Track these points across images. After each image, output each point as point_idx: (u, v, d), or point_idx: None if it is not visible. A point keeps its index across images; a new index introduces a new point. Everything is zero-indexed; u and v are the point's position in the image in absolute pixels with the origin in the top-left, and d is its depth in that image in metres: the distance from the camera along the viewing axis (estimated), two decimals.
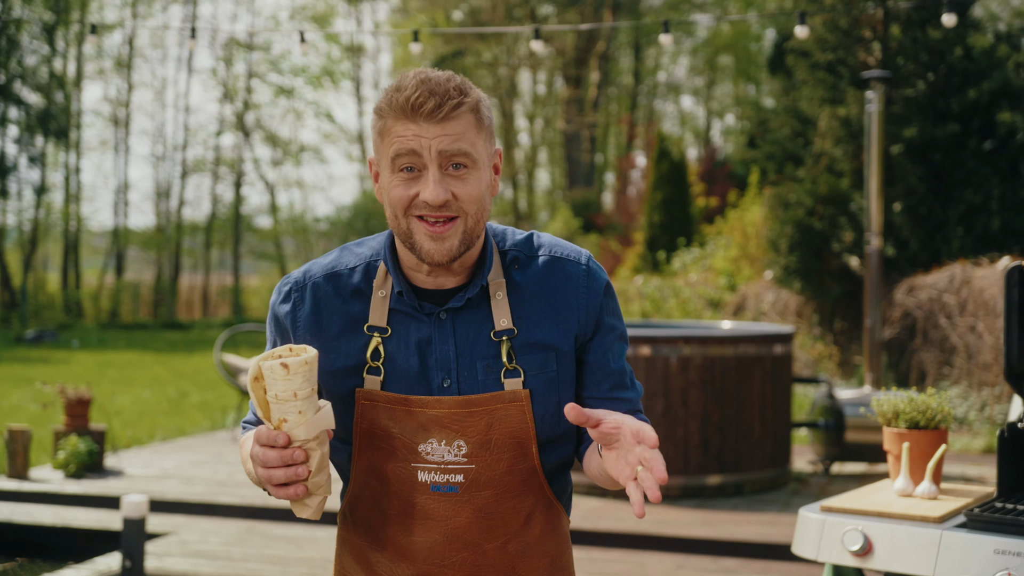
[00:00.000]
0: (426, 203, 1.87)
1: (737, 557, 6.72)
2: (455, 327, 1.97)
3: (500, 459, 1.95)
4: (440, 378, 1.96)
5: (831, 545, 3.20)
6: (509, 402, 1.95)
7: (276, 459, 1.74)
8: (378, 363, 1.96)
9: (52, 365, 19.71)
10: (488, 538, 1.97)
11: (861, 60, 14.02)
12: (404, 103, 1.86)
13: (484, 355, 1.97)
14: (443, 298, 1.99)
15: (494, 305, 1.98)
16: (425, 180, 1.87)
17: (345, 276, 2.02)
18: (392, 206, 1.91)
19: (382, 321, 1.97)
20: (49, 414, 12.30)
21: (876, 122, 9.02)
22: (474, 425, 1.94)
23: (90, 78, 39.63)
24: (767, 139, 15.41)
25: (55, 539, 7.60)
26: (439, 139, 1.86)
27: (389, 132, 1.89)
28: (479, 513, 1.95)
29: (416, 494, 1.95)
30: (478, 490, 1.95)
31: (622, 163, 30.75)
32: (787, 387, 8.56)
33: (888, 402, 3.49)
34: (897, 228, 13.61)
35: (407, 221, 1.90)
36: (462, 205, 1.89)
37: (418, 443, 1.94)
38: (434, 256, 1.89)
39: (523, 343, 1.97)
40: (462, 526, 1.95)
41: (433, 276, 1.98)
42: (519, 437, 1.95)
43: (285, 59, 40.31)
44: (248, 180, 40.88)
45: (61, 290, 36.69)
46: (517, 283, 2.00)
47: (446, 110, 1.86)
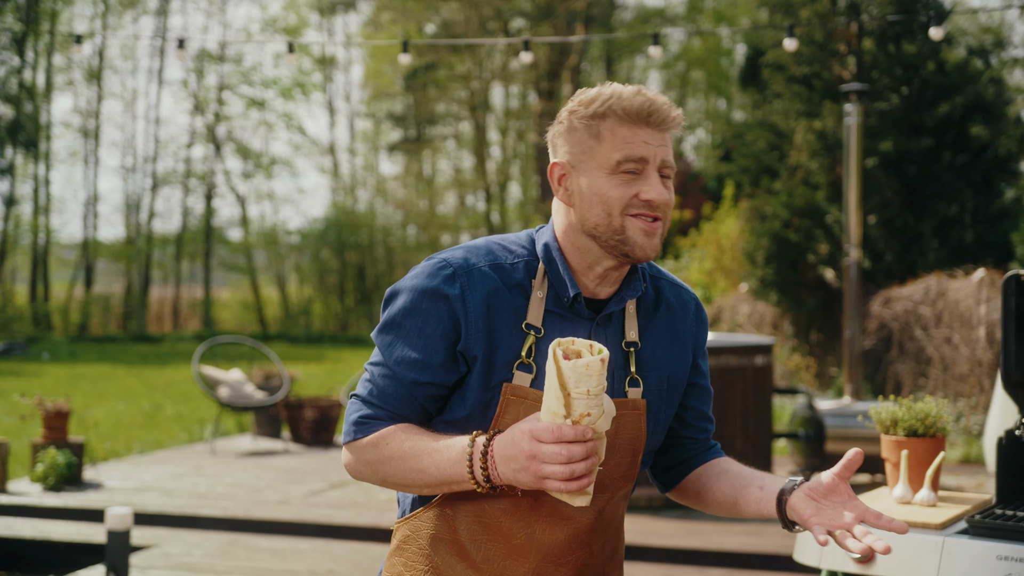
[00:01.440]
0: (649, 202, 1.97)
1: (723, 567, 6.74)
2: (607, 333, 2.07)
3: (621, 463, 2.04)
4: None
5: (833, 553, 3.22)
6: (631, 410, 2.05)
7: (582, 453, 1.78)
8: (530, 360, 2.00)
9: (23, 378, 19.54)
10: (598, 539, 2.06)
11: (836, 74, 14.14)
12: (638, 110, 1.97)
13: (618, 364, 2.07)
14: (597, 306, 2.08)
15: (627, 319, 2.09)
16: (647, 181, 1.98)
17: (508, 270, 2.04)
18: (607, 205, 1.97)
19: (538, 321, 2.02)
20: (24, 427, 12.20)
21: (855, 135, 9.09)
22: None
23: (59, 89, 39.44)
24: (742, 152, 15.50)
25: (35, 552, 7.53)
26: (662, 148, 1.99)
27: (612, 135, 1.97)
28: (599, 515, 2.04)
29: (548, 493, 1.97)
30: (601, 492, 2.02)
31: None
32: (768, 398, 8.60)
33: (887, 410, 3.52)
34: (872, 240, 13.72)
35: (622, 219, 1.98)
36: (665, 209, 2.01)
37: None
38: (647, 251, 1.99)
39: (646, 358, 2.09)
40: (584, 527, 2.02)
41: (595, 284, 2.06)
42: (634, 444, 2.06)
43: (257, 71, 40.21)
44: (219, 192, 40.68)
45: (30, 303, 36.38)
46: (643, 301, 2.13)
47: (667, 123, 2.00)
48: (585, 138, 2.00)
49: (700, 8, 40.03)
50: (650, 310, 2.12)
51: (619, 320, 2.09)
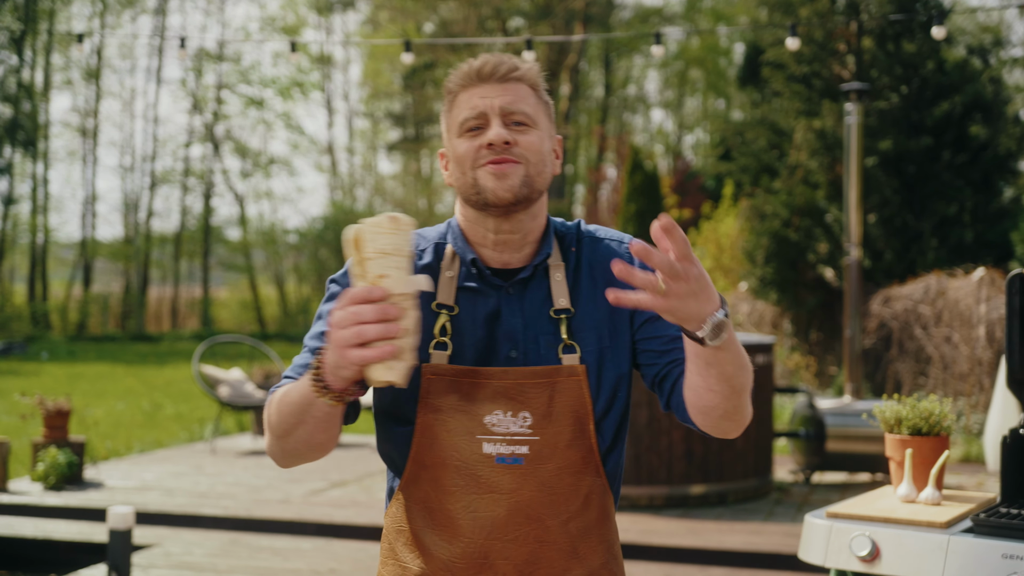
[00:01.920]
0: (490, 144, 1.99)
1: (724, 566, 6.74)
2: (522, 301, 2.05)
3: (562, 432, 1.99)
4: (507, 349, 2.02)
5: (839, 551, 3.22)
6: (568, 376, 2.01)
7: (372, 312, 1.67)
8: (445, 338, 2.01)
9: (23, 377, 19.53)
10: (550, 513, 1.99)
11: (836, 73, 14.14)
12: (469, 70, 2.05)
13: (545, 331, 2.04)
14: (508, 276, 2.07)
15: (553, 286, 2.06)
16: (488, 129, 2.01)
17: (417, 255, 2.09)
18: (460, 163, 2.03)
19: (450, 299, 2.04)
20: (23, 426, 12.19)
21: (855, 134, 9.09)
22: (537, 396, 1.99)
23: (58, 88, 39.40)
24: (742, 151, 15.50)
25: (36, 551, 7.53)
26: (500, 97, 2.02)
27: (457, 103, 2.06)
28: (542, 486, 1.98)
29: (480, 467, 1.97)
30: (541, 463, 1.98)
31: (593, 175, 30.83)
32: (769, 397, 8.61)
33: (891, 409, 3.52)
34: (872, 239, 13.72)
35: (473, 172, 2.01)
36: (523, 152, 2.01)
37: (484, 415, 1.98)
38: (497, 192, 1.98)
39: (579, 322, 2.05)
40: (526, 499, 1.97)
41: (499, 251, 2.06)
42: (578, 411, 2.01)
43: (255, 70, 40.22)
44: (217, 191, 40.72)
45: (28, 302, 36.36)
46: (572, 265, 2.09)
47: (504, 70, 2.03)
48: (446, 117, 2.09)
49: (698, 7, 40.05)
50: (580, 272, 2.09)
51: (542, 288, 2.06)
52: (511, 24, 32.70)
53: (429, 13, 33.29)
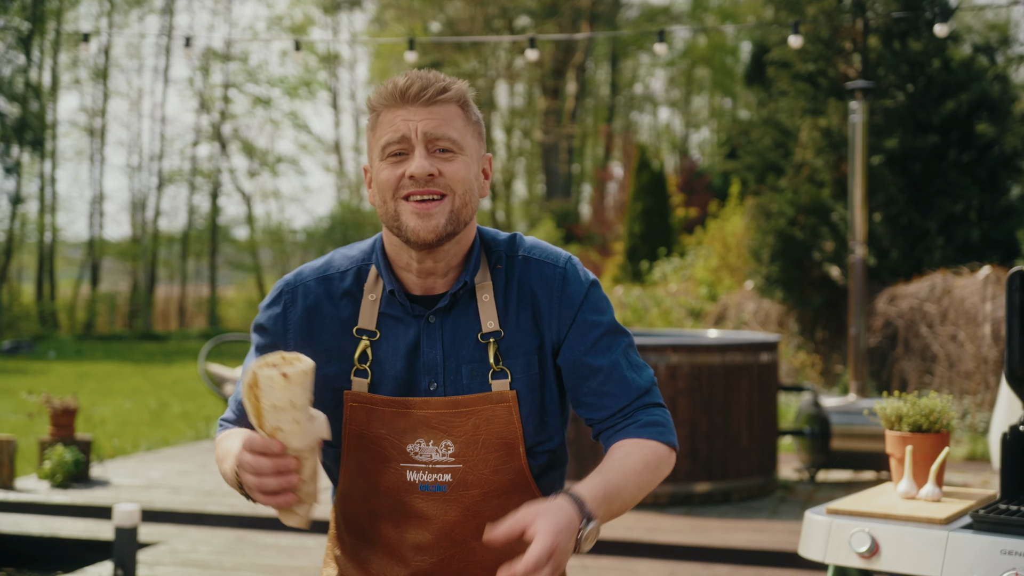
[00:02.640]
0: (412, 177, 1.91)
1: (728, 564, 6.75)
2: (443, 331, 2.00)
3: (487, 459, 1.97)
4: (427, 382, 1.98)
5: (838, 547, 3.23)
6: (496, 403, 1.97)
7: (269, 467, 1.72)
8: (366, 366, 1.99)
9: (30, 376, 19.59)
10: (476, 536, 1.99)
11: (841, 71, 14.14)
12: (393, 90, 1.94)
13: (470, 359, 1.99)
14: (432, 303, 2.01)
15: (481, 307, 2.00)
16: (412, 158, 1.92)
17: (336, 279, 2.04)
18: (381, 191, 1.95)
19: (371, 324, 2.00)
20: (30, 424, 12.23)
21: (860, 132, 9.09)
22: (461, 425, 1.96)
23: (66, 88, 39.46)
24: (748, 150, 15.51)
25: (42, 549, 7.56)
26: (425, 121, 1.92)
27: (380, 124, 1.96)
28: (467, 512, 1.98)
29: (405, 494, 1.98)
30: (466, 489, 1.97)
31: (600, 174, 30.85)
32: (773, 395, 8.61)
33: (891, 405, 3.53)
34: (878, 238, 13.72)
35: (395, 204, 1.94)
36: (448, 183, 1.93)
37: (406, 443, 1.97)
38: (420, 233, 1.91)
39: (509, 345, 2.00)
40: (451, 524, 1.98)
41: (422, 278, 2.00)
42: (506, 438, 1.98)
43: (262, 69, 40.28)
44: (225, 191, 40.75)
45: (36, 301, 36.45)
46: (501, 285, 2.03)
47: (430, 93, 1.92)
48: (369, 135, 2.01)
49: (705, 6, 40.03)
50: (510, 292, 2.03)
51: (468, 312, 2.01)
52: (517, 23, 32.71)
53: (436, 12, 33.31)
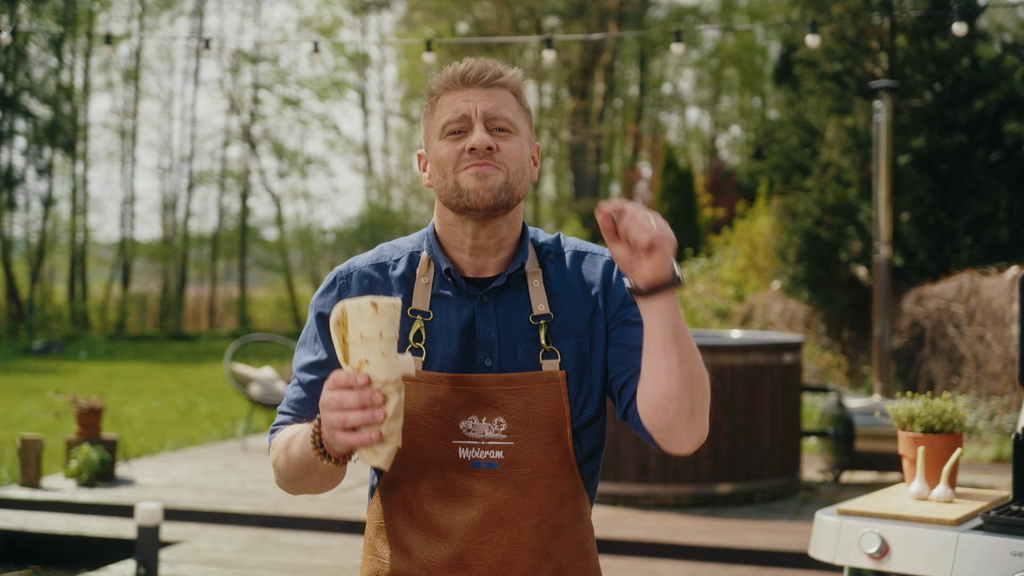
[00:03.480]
0: (473, 150, 2.01)
1: (749, 565, 6.74)
2: (496, 310, 2.06)
3: (537, 437, 2.02)
4: (482, 357, 2.04)
5: (848, 548, 3.22)
6: (547, 382, 2.02)
7: (354, 400, 1.72)
8: (420, 344, 2.04)
9: (60, 376, 19.76)
10: (524, 516, 2.02)
11: (868, 70, 14.06)
12: (453, 73, 2.06)
13: (524, 338, 2.06)
14: (483, 284, 2.09)
15: (532, 292, 2.08)
16: (471, 134, 2.03)
17: (389, 267, 2.12)
18: (441, 166, 2.04)
19: (424, 305, 2.07)
20: (59, 424, 12.34)
21: (884, 132, 9.05)
22: (513, 403, 2.01)
23: (97, 90, 39.81)
24: (774, 150, 15.45)
25: (68, 547, 7.63)
26: (484, 102, 2.03)
27: (439, 105, 2.07)
28: (517, 490, 2.02)
29: (455, 471, 2.01)
30: (516, 467, 2.01)
31: (628, 174, 30.81)
32: (797, 396, 8.58)
33: (903, 407, 3.52)
34: (905, 238, 13.64)
35: (454, 176, 2.03)
36: (504, 159, 2.03)
37: (459, 420, 2.01)
38: (480, 192, 2.00)
39: (559, 328, 2.06)
40: (500, 503, 2.01)
41: (475, 256, 2.08)
42: (555, 417, 2.02)
43: (292, 71, 40.46)
44: (254, 191, 40.98)
45: (68, 302, 36.76)
46: (550, 274, 2.11)
47: (488, 76, 2.05)
48: (427, 119, 2.11)
49: (733, 6, 39.89)
50: (560, 279, 2.12)
51: (520, 295, 2.08)
52: (545, 23, 32.70)
53: (463, 13, 33.35)
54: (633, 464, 7.98)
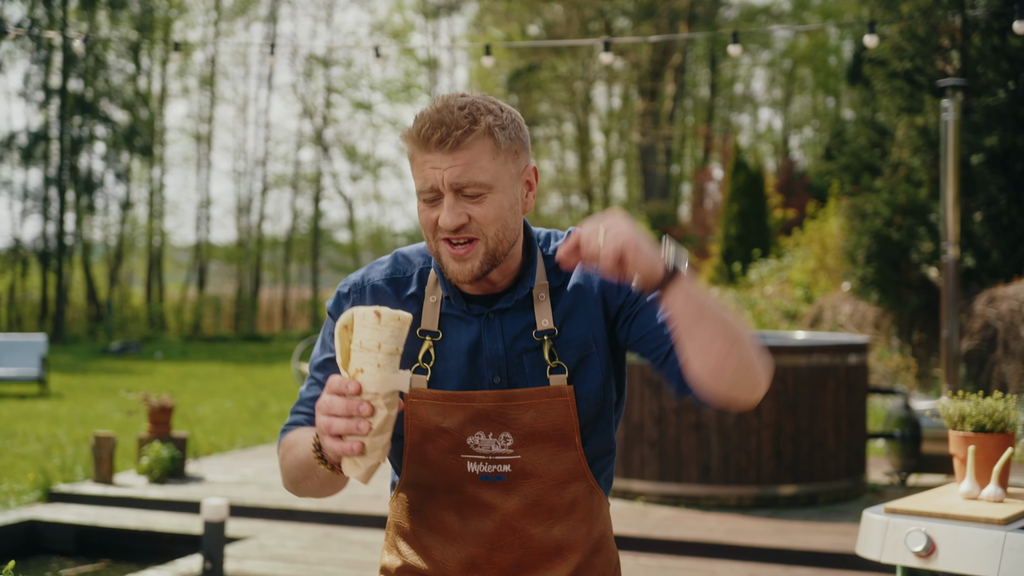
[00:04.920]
0: (442, 228, 1.96)
1: (810, 566, 6.70)
2: (503, 326, 2.07)
3: (543, 449, 2.04)
4: (491, 375, 2.06)
5: (895, 546, 3.22)
6: (554, 396, 2.04)
7: (341, 407, 1.73)
8: (428, 364, 2.06)
9: (136, 376, 20.14)
10: (534, 523, 2.06)
11: (940, 69, 13.88)
12: (416, 135, 1.96)
13: (530, 352, 2.07)
14: (490, 301, 2.09)
15: (537, 307, 2.07)
16: (442, 206, 1.97)
17: (403, 283, 2.12)
18: (424, 229, 2.02)
19: (433, 325, 2.08)
20: (133, 422, 12.60)
21: (952, 131, 8.93)
22: (519, 418, 2.03)
23: (174, 95, 40.46)
24: (843, 150, 15.31)
25: (138, 542, 7.81)
26: (450, 170, 1.94)
27: (413, 162, 2.00)
28: (526, 500, 2.05)
29: (466, 484, 2.05)
30: (525, 479, 2.04)
31: (698, 175, 30.66)
32: (862, 397, 8.50)
33: (955, 406, 3.50)
34: (978, 238, 13.43)
35: (436, 244, 2.01)
36: (480, 227, 1.96)
37: (466, 436, 2.04)
38: (458, 276, 1.99)
39: (564, 340, 2.07)
40: (511, 513, 2.05)
41: (476, 287, 2.07)
42: (563, 429, 2.04)
43: (364, 75, 40.83)
44: (327, 195, 41.41)
45: (145, 303, 37.44)
46: (557, 284, 2.11)
47: (451, 142, 1.93)
48: (408, 160, 2.04)
49: (806, 5, 39.50)
50: (562, 290, 2.10)
51: (526, 310, 2.08)
52: (616, 25, 32.65)
53: (533, 16, 33.41)
54: (695, 465, 7.97)
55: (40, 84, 34.37)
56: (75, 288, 36.02)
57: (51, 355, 24.43)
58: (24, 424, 13.13)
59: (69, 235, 34.73)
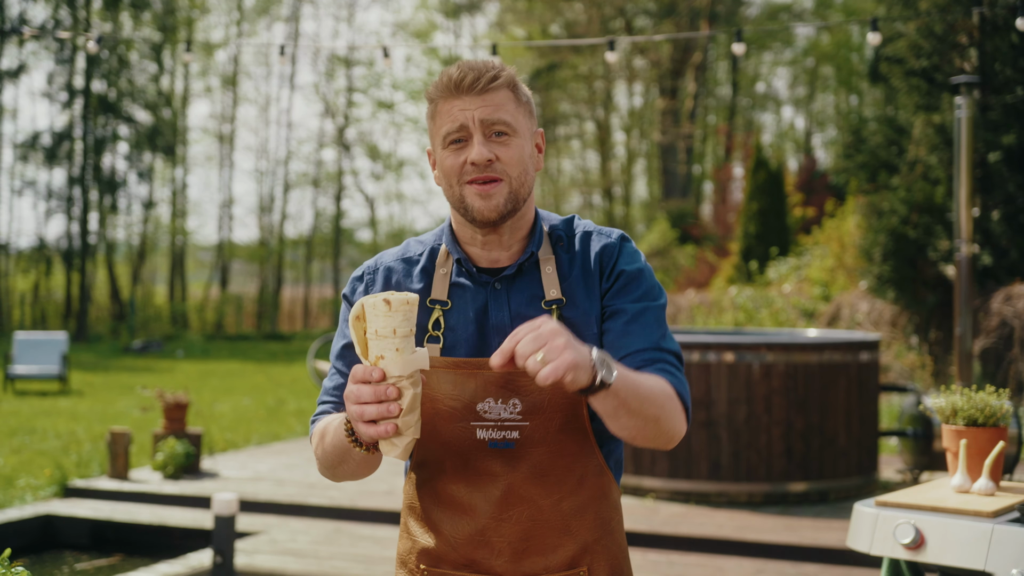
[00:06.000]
0: (473, 164, 2.07)
1: (818, 563, 6.70)
2: (509, 296, 2.14)
3: (553, 418, 2.07)
4: (497, 342, 2.10)
5: (884, 539, 3.23)
6: None
7: (369, 394, 1.82)
8: (438, 332, 2.13)
9: (157, 374, 20.27)
10: (543, 494, 2.09)
11: (958, 66, 13.82)
12: (448, 82, 2.09)
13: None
14: (497, 273, 2.16)
15: (544, 278, 2.15)
16: (471, 145, 2.08)
17: (415, 260, 2.21)
18: (447, 177, 2.12)
19: (443, 295, 2.15)
20: (152, 418, 12.69)
21: (965, 128, 8.90)
22: (527, 384, 2.06)
23: (197, 95, 40.68)
24: (861, 148, 15.26)
25: (152, 537, 7.87)
26: (480, 109, 2.07)
27: (439, 113, 2.12)
28: (535, 469, 2.08)
29: (475, 452, 2.08)
30: (533, 446, 2.07)
31: (719, 174, 30.60)
32: (874, 395, 8.49)
33: (947, 399, 3.51)
34: (995, 236, 13.37)
35: (460, 188, 2.10)
36: (505, 167, 2.08)
37: (476, 402, 2.08)
38: (484, 212, 2.07)
39: (571, 311, 2.13)
40: (519, 481, 2.08)
41: (487, 250, 2.15)
42: (570, 398, 2.07)
43: (386, 74, 40.93)
44: (348, 194, 41.53)
45: (168, 302, 37.65)
46: (563, 259, 2.17)
47: (483, 82, 2.08)
48: (430, 123, 2.16)
49: (828, 3, 39.34)
50: (572, 263, 2.17)
51: (532, 281, 2.15)
52: (636, 23, 32.62)
53: (554, 15, 33.42)
54: (705, 462, 7.98)
55: (64, 84, 34.64)
56: (99, 287, 36.28)
57: (74, 353, 24.63)
58: (44, 421, 13.25)
59: (92, 234, 34.97)
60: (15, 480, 9.29)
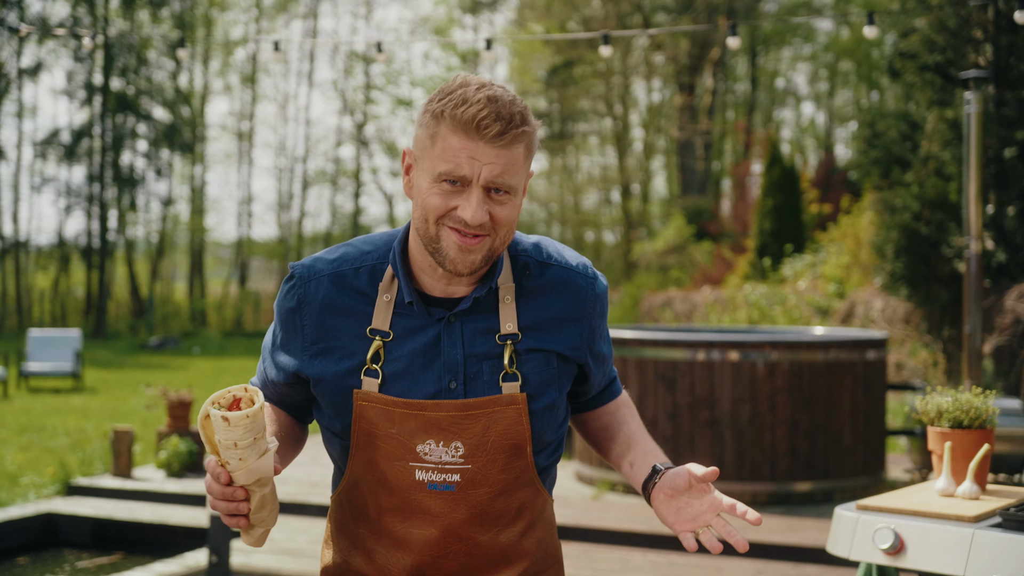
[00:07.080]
0: (464, 221, 1.88)
1: (819, 564, 6.63)
2: (463, 329, 1.99)
3: (495, 460, 1.98)
4: (447, 380, 1.98)
5: (863, 544, 3.17)
6: (506, 405, 1.97)
7: (219, 494, 1.84)
8: (377, 366, 1.98)
9: (171, 371, 20.30)
10: (482, 532, 2.01)
11: (972, 61, 13.68)
12: (469, 120, 1.85)
13: (491, 357, 1.99)
14: (452, 305, 2.01)
15: (502, 309, 2.00)
16: (467, 198, 1.88)
17: (349, 276, 2.03)
18: (425, 211, 1.91)
19: (385, 325, 1.99)
20: (159, 416, 12.69)
21: (975, 123, 8.80)
22: (471, 428, 1.96)
23: (216, 93, 40.78)
24: (873, 143, 15.13)
25: (152, 535, 7.86)
26: (491, 166, 1.87)
27: (441, 140, 1.88)
28: (473, 509, 1.99)
29: (413, 491, 1.98)
30: (473, 488, 1.98)
31: (737, 170, 30.46)
32: (881, 394, 8.40)
33: (932, 401, 3.44)
34: (1010, 233, 13.23)
35: (437, 228, 1.91)
36: (496, 227, 1.91)
37: (416, 444, 1.97)
38: (458, 266, 1.91)
39: (527, 347, 2.01)
40: (458, 522, 1.99)
41: (444, 283, 1.99)
42: (515, 439, 1.99)
43: (404, 71, 40.94)
44: (367, 190, 41.54)
45: (187, 299, 37.77)
46: (526, 289, 2.03)
47: (508, 139, 1.87)
48: (424, 135, 1.93)
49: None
50: (534, 297, 2.04)
51: (489, 312, 2.01)
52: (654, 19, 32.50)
53: (571, 12, 33.32)
54: (709, 461, 7.91)
55: (83, 82, 34.79)
56: (118, 284, 36.44)
57: (91, 350, 24.72)
58: (55, 418, 13.27)
59: (112, 231, 35.11)
60: (20, 478, 9.29)
